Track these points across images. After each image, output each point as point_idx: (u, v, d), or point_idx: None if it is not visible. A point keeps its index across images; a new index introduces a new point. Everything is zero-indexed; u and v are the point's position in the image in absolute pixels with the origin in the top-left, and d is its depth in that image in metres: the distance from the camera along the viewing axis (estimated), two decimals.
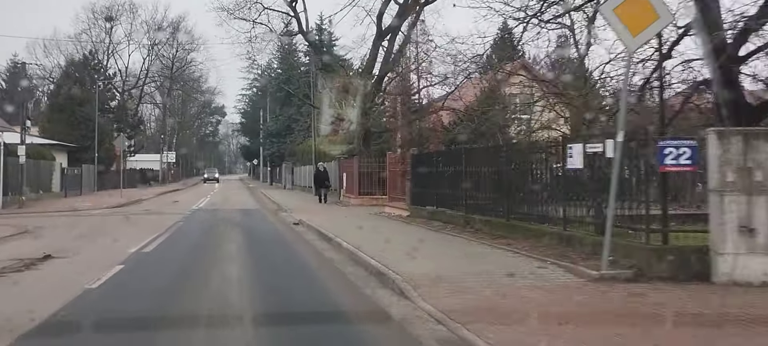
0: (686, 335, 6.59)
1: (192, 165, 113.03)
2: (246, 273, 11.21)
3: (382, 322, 7.49)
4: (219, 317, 7.74)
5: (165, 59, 79.35)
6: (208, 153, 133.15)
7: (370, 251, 11.96)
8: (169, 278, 10.67)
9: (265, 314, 7.98)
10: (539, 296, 8.06)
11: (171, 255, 13.72)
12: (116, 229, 19.06)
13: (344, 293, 9.47)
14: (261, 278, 10.77)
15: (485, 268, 9.92)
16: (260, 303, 8.72)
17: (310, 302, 8.67)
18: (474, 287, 8.50)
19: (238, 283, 10.20)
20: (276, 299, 9.00)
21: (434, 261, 10.99)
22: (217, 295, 9.13)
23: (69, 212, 26.61)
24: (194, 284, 10.06)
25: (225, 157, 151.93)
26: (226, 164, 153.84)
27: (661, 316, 7.16)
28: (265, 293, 9.47)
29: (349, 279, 10.29)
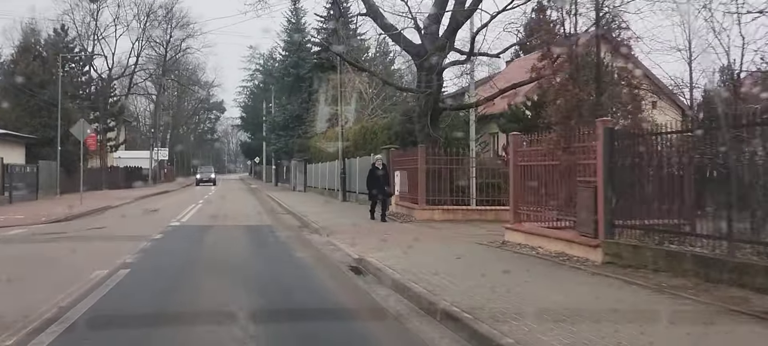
0: None
1: (188, 164, 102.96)
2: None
3: None
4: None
5: (157, 45, 69.35)
6: (206, 151, 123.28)
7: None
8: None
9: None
10: None
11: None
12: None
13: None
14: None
15: None
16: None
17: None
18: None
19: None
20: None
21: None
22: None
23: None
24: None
25: (224, 156, 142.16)
26: (225, 163, 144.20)
27: None
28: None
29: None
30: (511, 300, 7.02)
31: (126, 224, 18.79)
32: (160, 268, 10.53)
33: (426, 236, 13.97)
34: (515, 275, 8.70)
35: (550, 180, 11.04)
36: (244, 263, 11.17)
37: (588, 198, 9.39)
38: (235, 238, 15.18)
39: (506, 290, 7.54)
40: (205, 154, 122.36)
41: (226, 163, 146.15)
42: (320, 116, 42.46)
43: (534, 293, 7.57)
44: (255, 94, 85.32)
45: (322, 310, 7.55)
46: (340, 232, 15.27)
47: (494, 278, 8.46)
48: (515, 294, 7.41)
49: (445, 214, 17.86)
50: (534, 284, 8.24)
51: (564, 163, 10.11)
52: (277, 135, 54.83)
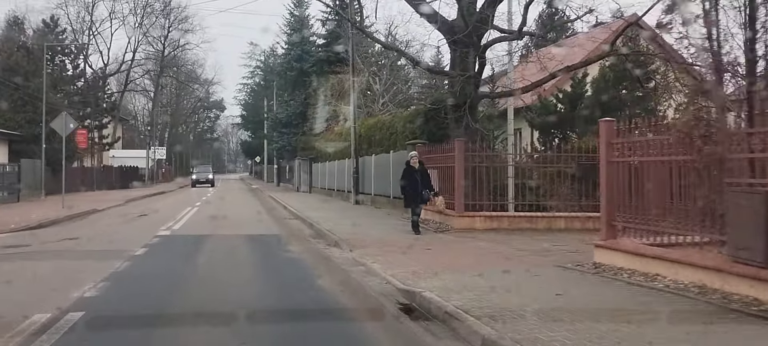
0: None
1: (187, 164, 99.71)
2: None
3: None
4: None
5: (155, 40, 66.21)
6: (205, 151, 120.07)
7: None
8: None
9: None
10: None
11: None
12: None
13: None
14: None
15: None
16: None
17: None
18: None
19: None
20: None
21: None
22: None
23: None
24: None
25: (224, 156, 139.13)
26: (225, 163, 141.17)
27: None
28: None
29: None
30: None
31: (106, 233, 15.70)
32: (129, 308, 7.41)
33: (485, 255, 10.87)
34: (671, 329, 5.66)
35: (670, 182, 7.93)
36: (250, 298, 8.03)
37: (754, 209, 6.31)
38: (235, 254, 12.06)
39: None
40: (205, 153, 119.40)
41: (226, 162, 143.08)
42: (326, 113, 39.43)
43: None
44: (256, 92, 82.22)
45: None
46: (366, 245, 12.19)
47: (644, 333, 5.42)
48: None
49: (487, 222, 14.78)
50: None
51: (705, 157, 6.99)
52: (279, 133, 51.74)
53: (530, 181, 15.95)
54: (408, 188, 14.28)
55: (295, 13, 53.16)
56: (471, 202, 15.08)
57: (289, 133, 48.94)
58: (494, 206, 15.34)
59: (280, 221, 19.75)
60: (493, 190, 15.30)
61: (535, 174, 15.98)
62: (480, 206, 15.14)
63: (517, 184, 15.99)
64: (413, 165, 14.28)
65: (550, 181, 15.70)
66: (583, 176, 15.44)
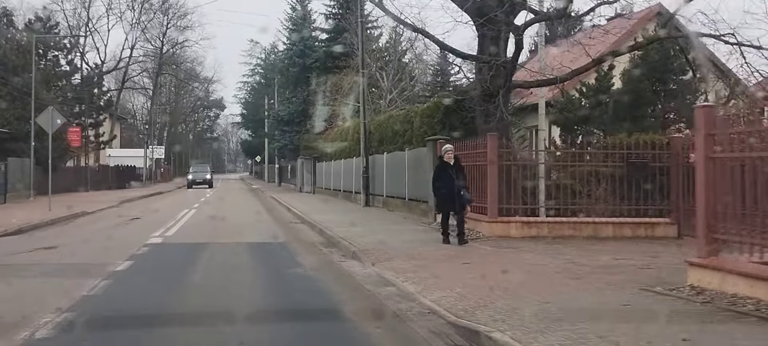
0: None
1: (187, 163, 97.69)
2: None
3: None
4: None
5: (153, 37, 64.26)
6: (205, 150, 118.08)
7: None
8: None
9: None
10: None
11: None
12: None
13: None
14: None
15: None
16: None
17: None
18: None
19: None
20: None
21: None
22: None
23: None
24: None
25: (223, 155, 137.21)
26: (225, 162, 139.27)
27: None
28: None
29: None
30: None
31: (90, 241, 13.74)
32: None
33: (541, 272, 8.91)
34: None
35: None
36: (257, 340, 6.08)
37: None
38: (236, 271, 10.06)
39: None
40: (205, 153, 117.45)
41: (226, 162, 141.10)
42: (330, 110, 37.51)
43: None
44: (256, 90, 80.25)
45: None
46: (390, 256, 10.29)
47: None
48: None
49: (524, 228, 12.83)
50: None
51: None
52: (281, 131, 49.75)
53: (566, 180, 14.01)
54: (443, 188, 11.96)
55: (298, 7, 51.21)
56: (504, 205, 13.13)
57: (291, 132, 46.98)
58: (527, 211, 13.40)
59: (285, 226, 17.79)
60: (525, 192, 13.35)
61: (564, 174, 14.03)
62: (514, 210, 13.20)
63: (548, 185, 14.09)
64: (448, 160, 12.03)
65: (585, 181, 13.76)
66: (629, 175, 13.51)
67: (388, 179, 21.33)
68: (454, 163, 12.00)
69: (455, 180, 11.70)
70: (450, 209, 12.01)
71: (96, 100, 43.56)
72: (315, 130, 39.84)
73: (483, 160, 13.35)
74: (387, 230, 14.59)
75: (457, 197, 11.64)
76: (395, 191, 20.41)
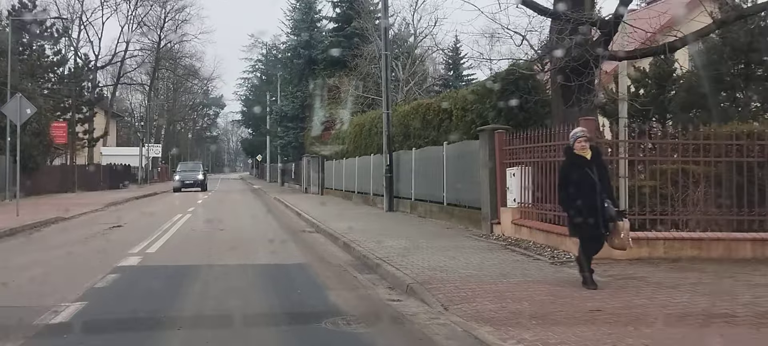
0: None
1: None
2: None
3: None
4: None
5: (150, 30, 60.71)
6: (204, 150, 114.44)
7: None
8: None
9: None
10: None
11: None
12: None
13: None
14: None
15: None
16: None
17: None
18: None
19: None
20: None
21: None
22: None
23: None
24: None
25: (223, 154, 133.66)
26: (224, 161, 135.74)
27: None
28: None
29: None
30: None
31: (44, 262, 10.19)
32: None
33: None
34: None
35: None
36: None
37: None
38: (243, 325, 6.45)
39: None
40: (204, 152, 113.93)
41: (226, 161, 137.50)
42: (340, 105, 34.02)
43: None
44: (257, 87, 76.71)
45: None
46: (473, 295, 6.85)
47: None
48: None
49: (635, 247, 9.28)
50: None
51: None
52: (284, 128, 46.18)
53: (644, 181, 10.45)
54: (579, 198, 7.35)
55: None
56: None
57: (296, 129, 43.44)
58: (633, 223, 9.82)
59: (299, 237, 14.23)
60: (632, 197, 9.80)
61: (642, 173, 10.44)
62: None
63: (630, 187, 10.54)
64: (581, 152, 7.49)
65: (671, 183, 10.19)
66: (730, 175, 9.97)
67: (417, 180, 17.80)
68: (592, 156, 7.51)
69: (596, 184, 7.29)
70: (595, 235, 7.41)
71: (86, 94, 39.89)
72: (321, 127, 36.36)
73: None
74: (435, 246, 11.04)
75: (602, 213, 7.28)
76: (428, 194, 16.88)
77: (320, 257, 11.10)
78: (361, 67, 32.67)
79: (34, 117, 29.19)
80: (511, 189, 11.60)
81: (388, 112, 19.41)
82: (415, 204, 17.83)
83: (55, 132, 32.41)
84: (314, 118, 38.27)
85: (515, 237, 11.22)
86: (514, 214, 11.45)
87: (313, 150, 34.43)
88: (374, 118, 24.17)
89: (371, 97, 31.81)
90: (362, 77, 32.64)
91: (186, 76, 73.97)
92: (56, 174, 34.84)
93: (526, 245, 10.55)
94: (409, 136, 19.20)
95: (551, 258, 9.42)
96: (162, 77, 74.36)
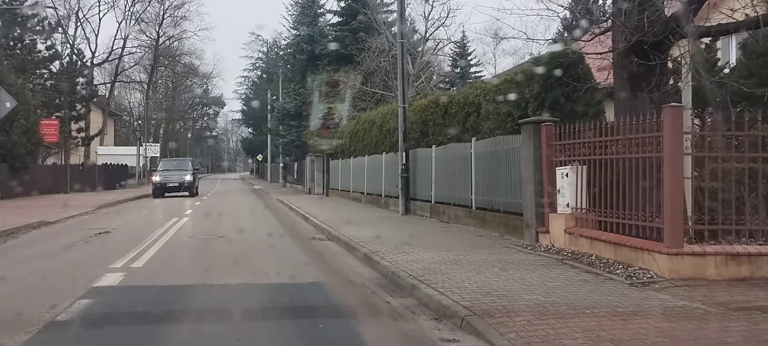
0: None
1: None
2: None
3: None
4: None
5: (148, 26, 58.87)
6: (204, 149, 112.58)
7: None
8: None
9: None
10: None
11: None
12: None
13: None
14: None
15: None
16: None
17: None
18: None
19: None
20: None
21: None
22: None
23: None
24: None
25: (223, 154, 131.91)
26: (225, 161, 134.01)
27: None
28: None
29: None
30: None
31: (5, 281, 8.33)
32: None
33: None
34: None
35: None
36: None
37: None
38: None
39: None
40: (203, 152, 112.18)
41: (226, 161, 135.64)
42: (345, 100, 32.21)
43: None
44: (257, 85, 74.80)
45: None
46: (552, 336, 4.95)
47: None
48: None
49: (730, 266, 7.44)
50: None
51: None
52: (286, 126, 44.30)
53: (706, 183, 8.57)
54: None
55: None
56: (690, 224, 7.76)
57: (299, 127, 41.57)
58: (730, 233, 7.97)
59: (310, 247, 12.38)
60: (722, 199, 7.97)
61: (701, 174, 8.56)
62: (711, 232, 7.84)
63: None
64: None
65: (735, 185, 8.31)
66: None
67: (438, 180, 15.96)
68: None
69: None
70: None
71: (79, 91, 37.99)
72: (325, 124, 34.53)
73: (649, 151, 7.99)
74: (475, 259, 9.18)
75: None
76: (451, 196, 15.04)
77: (339, 272, 9.26)
78: (368, 61, 30.87)
79: (22, 114, 27.43)
80: (563, 192, 9.76)
81: (405, 106, 17.54)
82: (436, 207, 15.98)
83: (46, 130, 30.57)
84: (318, 116, 36.52)
85: (570, 249, 9.38)
86: (567, 221, 9.60)
87: (318, 149, 32.64)
88: (385, 113, 22.34)
89: (379, 92, 30.01)
90: (369, 73, 30.85)
91: (185, 74, 72.10)
92: (48, 174, 32.96)
93: (588, 259, 8.71)
94: (427, 132, 17.37)
95: (628, 278, 7.58)
96: (161, 75, 72.55)
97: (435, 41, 31.26)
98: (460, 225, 13.97)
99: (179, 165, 33.02)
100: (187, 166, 32.38)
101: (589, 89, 10.86)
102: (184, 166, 32.67)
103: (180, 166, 32.73)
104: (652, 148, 7.89)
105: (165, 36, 62.16)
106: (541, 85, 11.30)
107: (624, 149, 8.49)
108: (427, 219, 16.13)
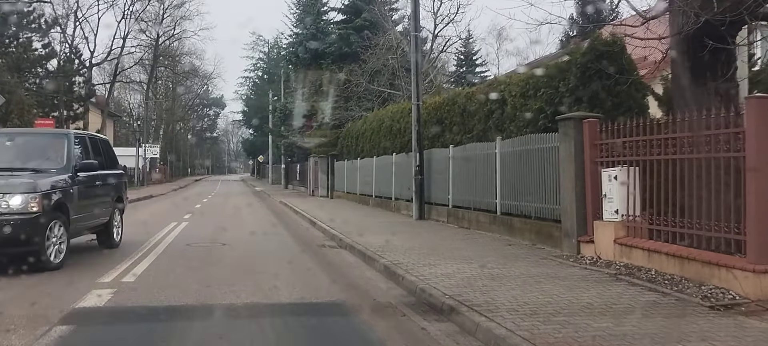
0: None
1: (185, 163, 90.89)
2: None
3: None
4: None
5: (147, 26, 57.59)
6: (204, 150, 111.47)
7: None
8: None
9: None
10: None
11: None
12: None
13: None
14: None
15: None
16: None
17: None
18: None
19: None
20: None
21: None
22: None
23: None
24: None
25: (224, 155, 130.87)
26: (225, 162, 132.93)
27: None
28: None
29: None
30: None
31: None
32: None
33: None
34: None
35: None
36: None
37: None
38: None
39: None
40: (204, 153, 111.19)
41: (227, 162, 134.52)
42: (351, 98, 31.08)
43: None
44: (259, 86, 73.61)
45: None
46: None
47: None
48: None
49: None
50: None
51: None
52: (288, 126, 43.11)
53: None
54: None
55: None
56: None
57: (302, 126, 40.38)
58: None
59: (320, 255, 11.19)
60: None
61: None
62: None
63: None
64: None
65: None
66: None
67: (456, 183, 14.79)
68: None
69: None
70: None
71: (76, 90, 36.77)
72: (329, 124, 33.40)
73: (724, 150, 6.82)
74: (515, 274, 7.99)
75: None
76: (471, 200, 13.85)
77: (358, 288, 8.08)
78: (373, 60, 29.70)
79: (16, 113, 26.23)
80: (610, 197, 8.57)
81: (418, 104, 16.35)
82: (454, 212, 14.80)
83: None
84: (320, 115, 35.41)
85: (622, 262, 8.20)
86: (617, 230, 8.41)
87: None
88: (395, 112, 21.17)
89: (386, 91, 28.86)
90: (374, 71, 29.69)
91: (185, 74, 70.86)
92: None
93: (647, 274, 7.52)
94: (443, 132, 16.18)
95: (704, 298, 6.39)
96: (161, 76, 71.33)
97: (443, 38, 30.02)
98: (483, 231, 12.78)
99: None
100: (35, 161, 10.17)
101: (634, 82, 9.69)
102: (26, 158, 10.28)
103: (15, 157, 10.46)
104: (728, 146, 6.72)
105: (165, 34, 61.02)
106: (579, 78, 10.12)
107: (689, 148, 7.32)
108: (444, 224, 14.94)
